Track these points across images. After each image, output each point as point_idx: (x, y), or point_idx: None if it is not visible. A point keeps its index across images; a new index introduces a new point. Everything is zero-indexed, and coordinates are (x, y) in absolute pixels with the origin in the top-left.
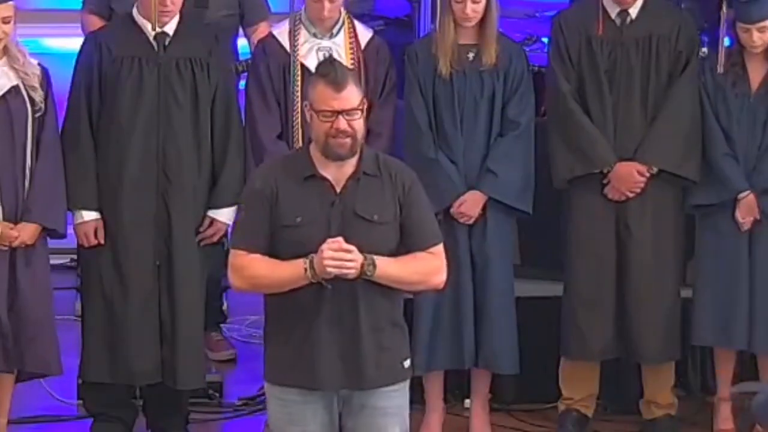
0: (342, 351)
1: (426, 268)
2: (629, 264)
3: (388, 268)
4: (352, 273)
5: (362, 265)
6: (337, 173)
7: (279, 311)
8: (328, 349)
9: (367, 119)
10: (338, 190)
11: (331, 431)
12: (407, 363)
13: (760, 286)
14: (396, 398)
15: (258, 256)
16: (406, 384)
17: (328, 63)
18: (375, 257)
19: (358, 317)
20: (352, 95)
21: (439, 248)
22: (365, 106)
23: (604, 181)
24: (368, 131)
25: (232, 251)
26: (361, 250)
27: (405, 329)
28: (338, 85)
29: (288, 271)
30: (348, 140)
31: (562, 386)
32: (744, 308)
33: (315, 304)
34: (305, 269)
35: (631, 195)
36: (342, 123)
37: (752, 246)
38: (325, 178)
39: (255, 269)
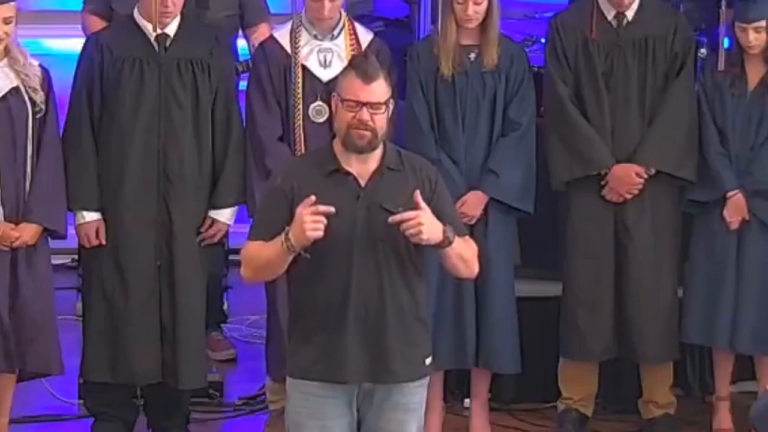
0: (368, 345)
1: (472, 252)
2: (628, 265)
3: (458, 242)
4: (320, 232)
5: (444, 231)
6: (361, 168)
7: (305, 307)
8: (354, 344)
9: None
10: (363, 184)
11: (350, 426)
12: (429, 360)
13: (745, 286)
14: (417, 394)
15: (256, 242)
16: (426, 381)
17: (363, 57)
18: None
19: (384, 312)
20: (380, 90)
21: (470, 238)
22: (391, 105)
23: (602, 183)
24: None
25: (246, 243)
26: (387, 244)
27: (428, 326)
28: (368, 78)
29: (271, 249)
30: (368, 133)
31: (561, 386)
32: (728, 307)
33: (342, 300)
34: (281, 242)
35: (629, 196)
36: (365, 114)
37: (740, 246)
38: (349, 173)
39: (249, 254)
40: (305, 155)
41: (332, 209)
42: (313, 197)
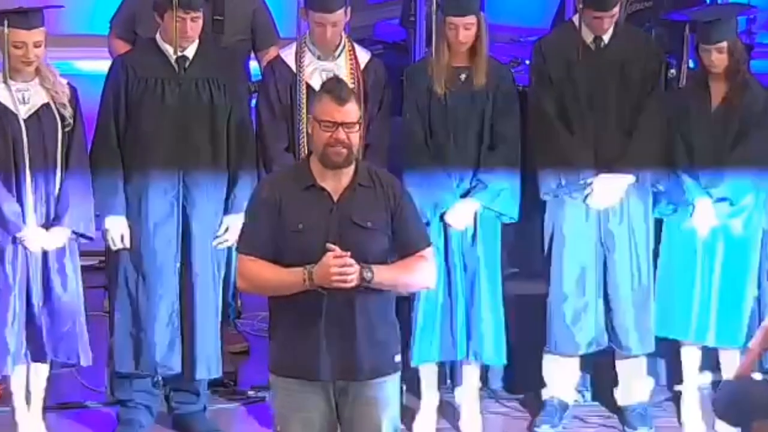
0: (339, 346)
1: (416, 271)
2: (608, 268)
3: (383, 274)
4: (352, 284)
5: (361, 272)
6: (335, 184)
7: (282, 311)
8: (326, 345)
9: (365, 135)
10: (336, 198)
11: (330, 418)
12: (398, 357)
13: (712, 286)
14: (387, 389)
15: (263, 262)
16: (397, 376)
17: (335, 80)
18: (372, 266)
19: (353, 315)
20: (353, 111)
21: (429, 251)
22: (362, 123)
23: (585, 192)
24: (366, 144)
25: (239, 256)
26: (356, 255)
27: (397, 326)
28: (341, 100)
29: (289, 279)
30: (344, 151)
31: (545, 376)
32: (697, 305)
33: (315, 304)
34: (304, 279)
35: (610, 203)
36: (341, 134)
37: (707, 249)
38: (323, 188)
39: (259, 275)
40: (285, 170)
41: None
42: (337, 249)
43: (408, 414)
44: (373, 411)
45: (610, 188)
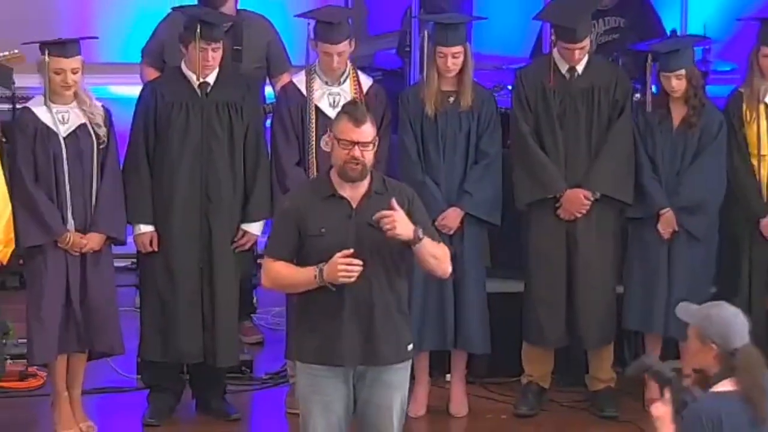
0: (359, 335)
1: (444, 253)
2: (577, 270)
3: (428, 242)
4: (353, 279)
5: (415, 231)
6: (353, 193)
7: (308, 305)
8: (348, 334)
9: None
10: (354, 206)
11: (348, 400)
12: (410, 346)
13: (675, 283)
14: (401, 374)
15: (283, 263)
16: (408, 363)
17: (353, 104)
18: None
19: (372, 308)
20: (368, 131)
21: (443, 244)
22: (377, 142)
23: (557, 204)
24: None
25: (264, 257)
26: (374, 254)
27: (409, 318)
28: (358, 122)
29: (303, 276)
30: (359, 167)
31: (524, 364)
32: (662, 301)
33: (338, 298)
34: (315, 276)
35: (578, 215)
36: (357, 152)
37: (670, 251)
38: (343, 197)
39: (279, 273)
40: (308, 182)
41: (352, 254)
42: (351, 250)
43: None
44: (388, 393)
45: (577, 202)
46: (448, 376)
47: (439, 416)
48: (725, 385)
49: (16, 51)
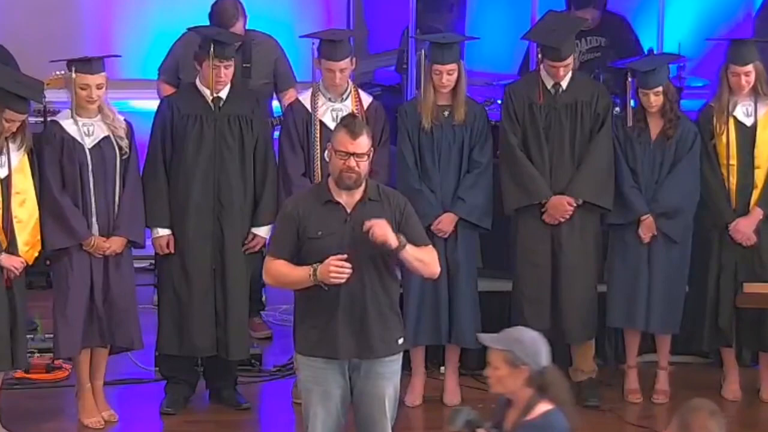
0: (354, 331)
1: (430, 257)
2: (560, 271)
3: (410, 248)
4: (342, 280)
5: (398, 237)
6: (349, 199)
7: (309, 302)
8: (344, 329)
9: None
10: (349, 211)
11: (345, 390)
12: (401, 340)
13: (655, 283)
14: (392, 366)
15: (282, 261)
16: (400, 356)
17: (351, 117)
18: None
19: (366, 306)
20: (363, 143)
21: (432, 248)
22: (372, 153)
23: (542, 210)
24: (369, 170)
25: (266, 257)
26: (366, 255)
27: (400, 315)
28: (354, 134)
29: (299, 274)
30: (354, 175)
31: None
32: (643, 300)
33: (335, 297)
34: (310, 275)
35: (562, 220)
36: (352, 162)
37: (650, 254)
38: (339, 203)
39: (278, 271)
40: (307, 190)
41: (345, 258)
42: (345, 255)
43: (401, 387)
44: (381, 383)
45: (561, 208)
46: (442, 368)
47: (434, 405)
48: (545, 406)
49: (60, 73)
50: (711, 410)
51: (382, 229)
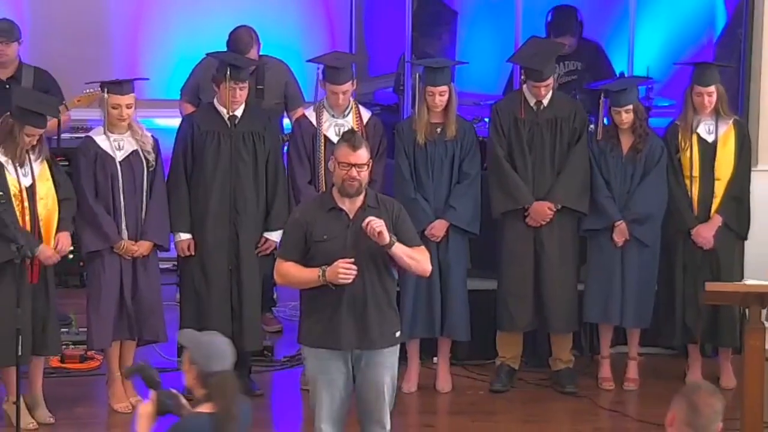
0: (356, 324)
1: (422, 256)
2: (542, 269)
3: (401, 246)
4: (351, 279)
5: (391, 237)
6: (351, 206)
7: (315, 299)
8: (346, 323)
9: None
10: (351, 216)
11: (347, 378)
12: (398, 333)
13: (627, 282)
14: (390, 357)
15: (292, 263)
16: (397, 347)
17: (351, 132)
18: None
19: (366, 302)
20: (363, 155)
21: (424, 248)
22: (371, 165)
23: (525, 214)
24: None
25: (277, 259)
26: (367, 256)
27: (397, 311)
28: (354, 147)
29: (308, 275)
30: (356, 183)
31: (498, 348)
32: (617, 297)
33: (338, 294)
34: (318, 276)
35: (543, 223)
36: (353, 172)
37: (623, 257)
38: (342, 209)
39: (288, 272)
40: (314, 198)
41: (353, 263)
42: (352, 258)
43: (399, 375)
44: (380, 372)
45: (542, 212)
46: (435, 358)
47: (428, 392)
48: (207, 408)
49: (90, 90)
50: (711, 389)
51: (378, 223)
